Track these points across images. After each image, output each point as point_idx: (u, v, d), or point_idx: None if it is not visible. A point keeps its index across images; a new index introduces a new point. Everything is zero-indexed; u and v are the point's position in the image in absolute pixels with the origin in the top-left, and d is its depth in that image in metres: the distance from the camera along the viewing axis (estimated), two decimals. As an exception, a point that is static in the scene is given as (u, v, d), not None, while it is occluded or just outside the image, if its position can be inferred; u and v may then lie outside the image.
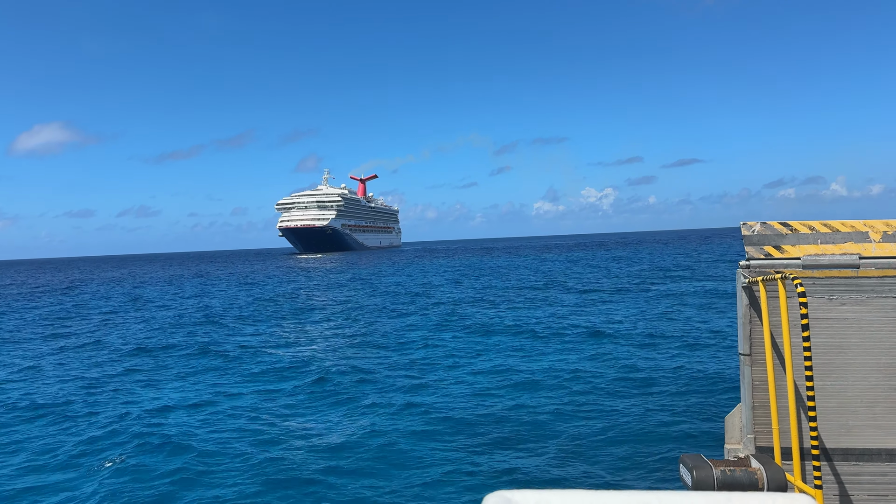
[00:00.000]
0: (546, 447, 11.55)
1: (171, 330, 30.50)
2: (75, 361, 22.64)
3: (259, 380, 18.34)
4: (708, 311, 29.24)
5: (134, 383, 18.44)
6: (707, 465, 4.12)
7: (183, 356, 22.80)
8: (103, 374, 19.94)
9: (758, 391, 4.72)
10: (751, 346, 4.77)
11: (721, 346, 20.43)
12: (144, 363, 21.71)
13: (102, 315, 39.65)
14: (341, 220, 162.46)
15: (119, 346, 25.68)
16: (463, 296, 41.96)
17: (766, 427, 4.65)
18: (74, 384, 18.45)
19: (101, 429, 13.73)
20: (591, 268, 66.81)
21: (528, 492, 1.56)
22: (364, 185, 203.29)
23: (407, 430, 12.95)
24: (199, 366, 20.87)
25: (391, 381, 17.51)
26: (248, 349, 23.78)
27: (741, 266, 4.97)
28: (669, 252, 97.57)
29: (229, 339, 26.87)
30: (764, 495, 1.65)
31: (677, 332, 23.50)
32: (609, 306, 32.46)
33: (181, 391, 17.26)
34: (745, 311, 4.80)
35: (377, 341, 24.58)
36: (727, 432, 4.88)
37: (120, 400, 16.35)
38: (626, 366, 17.96)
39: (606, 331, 24.20)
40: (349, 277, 67.77)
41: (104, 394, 17.12)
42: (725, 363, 17.49)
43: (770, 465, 4.11)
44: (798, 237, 4.98)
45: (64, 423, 14.44)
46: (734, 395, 10.23)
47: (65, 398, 16.65)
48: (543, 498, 1.51)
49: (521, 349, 21.63)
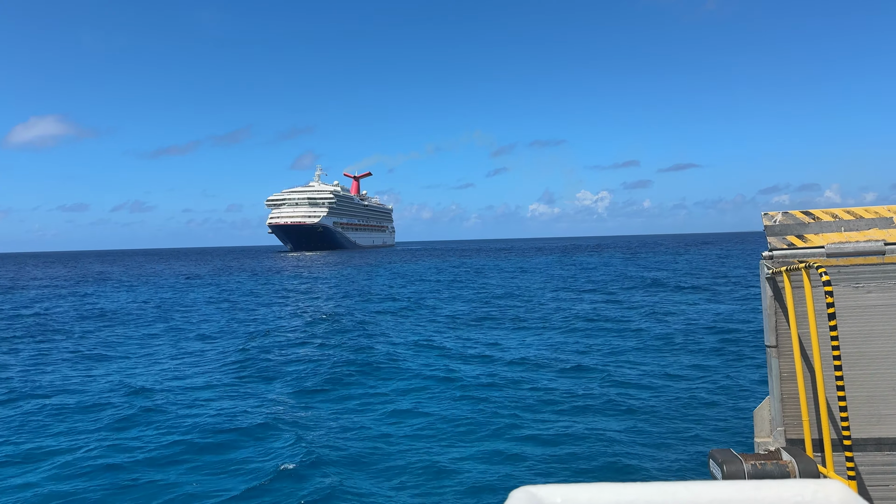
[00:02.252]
0: (570, 443, 11.33)
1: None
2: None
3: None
4: (737, 302, 29.44)
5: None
6: (737, 459, 4.13)
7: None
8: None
9: (786, 383, 4.66)
10: (777, 338, 4.71)
11: (747, 337, 20.14)
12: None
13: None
14: (333, 218, 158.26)
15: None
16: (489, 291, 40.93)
17: (796, 419, 4.59)
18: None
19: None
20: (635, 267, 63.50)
21: (553, 486, 1.53)
22: (358, 183, 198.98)
23: (425, 426, 12.76)
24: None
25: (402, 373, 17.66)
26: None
27: (764, 257, 4.88)
28: (696, 256, 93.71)
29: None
30: (793, 482, 1.53)
31: (703, 326, 23.55)
32: (638, 301, 32.73)
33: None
34: (770, 302, 4.74)
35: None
36: (756, 426, 4.78)
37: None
38: (651, 360, 17.79)
39: (631, 326, 24.19)
40: (328, 276, 63.96)
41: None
42: (752, 355, 17.19)
43: (801, 457, 4.15)
44: (821, 225, 4.89)
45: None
46: (762, 387, 9.77)
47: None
48: (569, 492, 1.49)
49: (540, 345, 21.46)
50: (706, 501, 1.49)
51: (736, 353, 18.63)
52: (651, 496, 1.51)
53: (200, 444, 11.78)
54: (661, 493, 1.51)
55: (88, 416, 13.75)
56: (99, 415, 13.88)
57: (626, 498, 1.50)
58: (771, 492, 1.53)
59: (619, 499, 1.50)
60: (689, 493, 1.50)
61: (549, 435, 11.80)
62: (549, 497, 1.48)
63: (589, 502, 1.50)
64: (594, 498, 1.49)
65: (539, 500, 1.49)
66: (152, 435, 12.36)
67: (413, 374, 17.23)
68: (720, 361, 17.49)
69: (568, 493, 1.49)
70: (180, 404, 14.50)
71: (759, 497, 1.52)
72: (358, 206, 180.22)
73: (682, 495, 1.50)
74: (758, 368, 15.99)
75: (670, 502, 1.50)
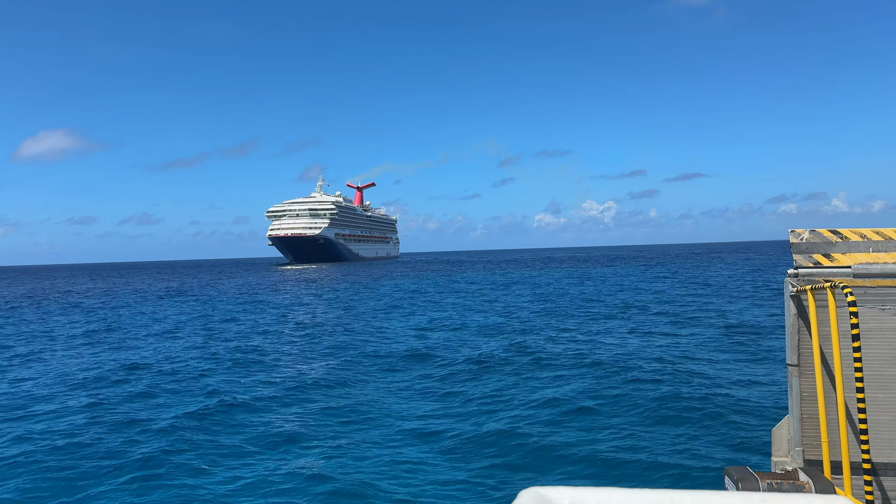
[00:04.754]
0: (582, 451, 11.17)
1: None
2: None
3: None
4: (758, 317, 28.92)
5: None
6: (753, 477, 4.03)
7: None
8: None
9: (806, 403, 4.56)
10: (799, 357, 4.61)
11: (768, 355, 19.75)
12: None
13: None
14: (335, 230, 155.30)
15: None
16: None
17: (815, 440, 4.49)
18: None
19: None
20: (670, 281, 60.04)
21: (562, 488, 1.53)
22: (361, 194, 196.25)
23: (441, 429, 12.62)
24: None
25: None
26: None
27: (789, 274, 4.81)
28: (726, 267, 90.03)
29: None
30: (803, 496, 1.51)
31: (722, 339, 23.06)
32: (658, 317, 31.26)
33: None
34: (794, 320, 4.66)
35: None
36: (774, 444, 4.69)
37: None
38: (670, 373, 17.17)
39: (649, 341, 23.39)
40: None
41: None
42: (773, 373, 16.92)
43: (819, 478, 4.02)
44: (848, 245, 4.79)
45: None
46: (782, 406, 9.33)
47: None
48: (578, 495, 1.49)
49: (553, 356, 20.65)
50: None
51: (758, 366, 18.22)
52: (658, 502, 1.43)
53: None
54: (668, 500, 1.44)
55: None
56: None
57: (633, 502, 1.43)
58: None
59: (627, 502, 1.42)
60: (697, 503, 1.42)
61: (559, 441, 11.67)
62: (557, 498, 1.43)
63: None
64: (602, 501, 1.43)
65: (548, 501, 1.43)
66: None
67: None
68: (741, 375, 16.93)
69: (576, 495, 1.43)
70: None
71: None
72: (361, 217, 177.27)
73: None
74: (780, 385, 15.21)
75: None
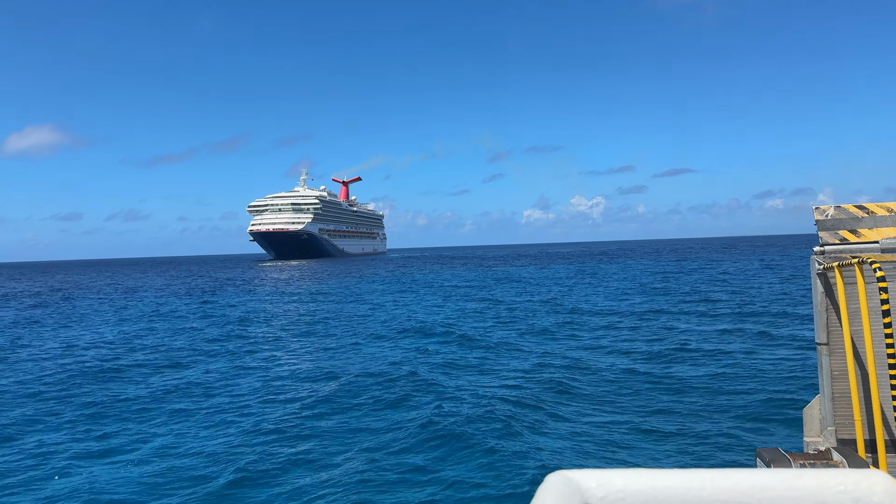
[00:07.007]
0: (611, 433, 11.08)
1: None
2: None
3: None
4: (786, 296, 30.19)
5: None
6: (785, 458, 4.09)
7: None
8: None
9: (837, 381, 4.50)
10: (828, 335, 4.57)
11: (798, 334, 19.78)
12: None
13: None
14: (319, 225, 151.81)
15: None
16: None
17: (848, 419, 4.41)
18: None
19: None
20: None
21: (589, 471, 1.50)
22: (347, 188, 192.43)
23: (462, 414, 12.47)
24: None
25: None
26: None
27: (815, 252, 4.74)
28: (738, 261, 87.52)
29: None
30: (836, 471, 1.44)
31: (751, 321, 23.18)
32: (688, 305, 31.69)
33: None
34: (822, 298, 4.61)
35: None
36: (805, 425, 4.66)
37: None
38: (699, 355, 17.38)
39: (679, 323, 23.91)
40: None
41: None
42: (803, 352, 16.77)
43: (853, 458, 4.02)
44: (875, 220, 4.71)
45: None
46: (813, 385, 9.36)
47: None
48: (605, 477, 1.46)
49: (581, 340, 21.56)
50: (745, 488, 1.40)
51: (787, 346, 18.43)
52: (688, 482, 1.43)
53: None
54: (698, 479, 1.42)
55: None
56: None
57: (661, 483, 1.44)
58: (813, 480, 1.43)
59: (655, 483, 1.44)
60: (728, 481, 1.41)
61: (587, 424, 11.72)
62: (584, 481, 1.45)
63: (624, 487, 1.44)
64: (630, 483, 1.44)
65: (575, 484, 1.45)
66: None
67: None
68: (771, 355, 17.00)
69: (603, 477, 1.45)
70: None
71: (800, 485, 1.43)
72: (346, 212, 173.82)
73: (720, 482, 1.41)
74: (810, 364, 15.13)
75: (708, 489, 1.41)
